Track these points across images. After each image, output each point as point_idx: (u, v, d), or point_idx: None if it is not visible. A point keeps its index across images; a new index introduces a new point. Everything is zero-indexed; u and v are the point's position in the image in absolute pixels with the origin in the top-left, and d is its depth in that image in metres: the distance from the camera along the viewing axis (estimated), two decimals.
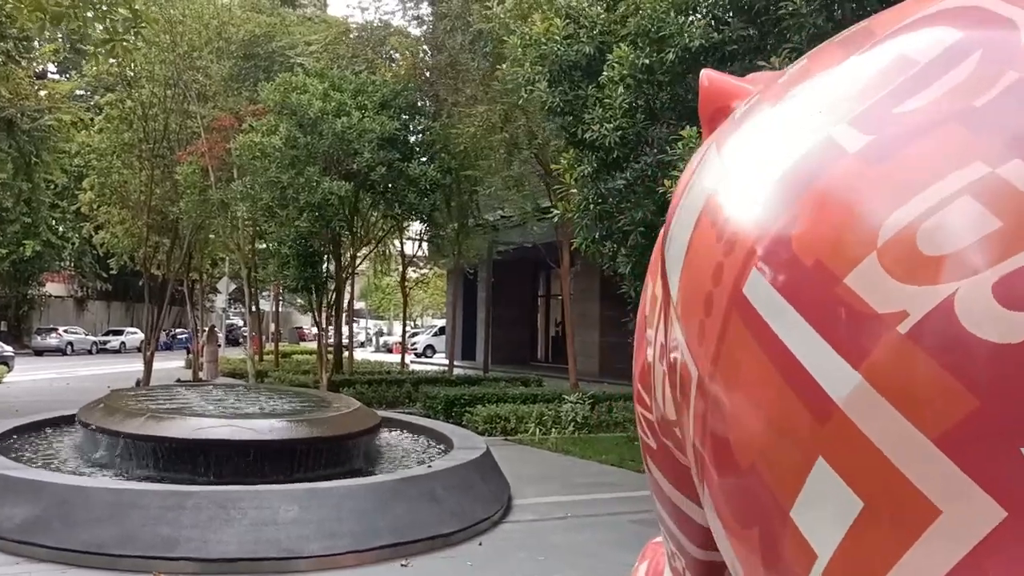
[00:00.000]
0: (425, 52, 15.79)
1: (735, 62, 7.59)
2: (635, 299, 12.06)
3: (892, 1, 1.77)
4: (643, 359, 4.09)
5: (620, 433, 12.76)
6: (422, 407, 14.98)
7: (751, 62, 7.58)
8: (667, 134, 8.68)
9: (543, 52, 8.61)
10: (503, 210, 21.10)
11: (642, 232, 8.41)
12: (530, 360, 33.22)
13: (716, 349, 2.05)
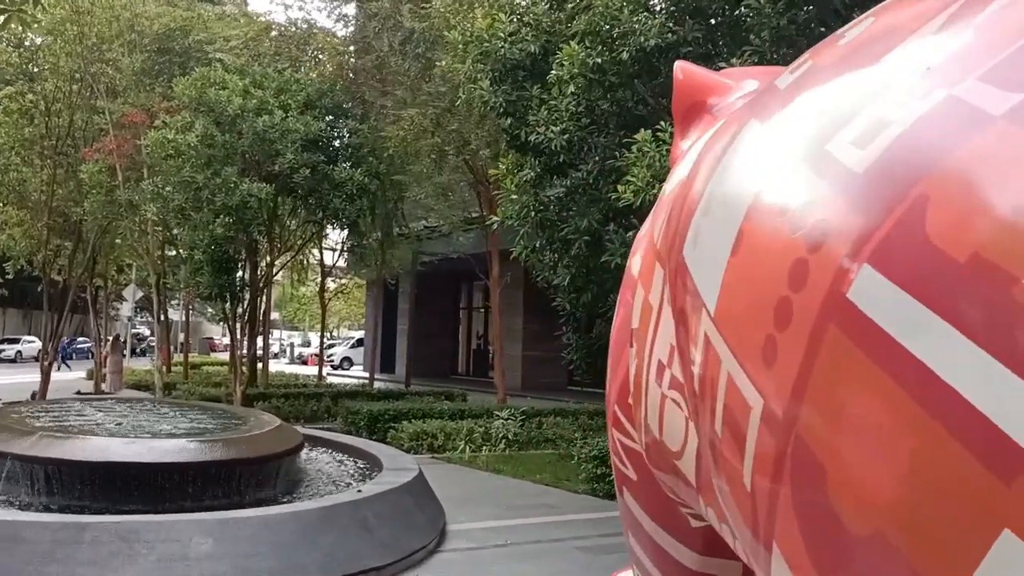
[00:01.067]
0: (351, 53, 15.14)
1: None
2: (570, 311, 11.70)
3: (862, 5, 1.36)
4: (622, 379, 3.57)
5: (551, 450, 12.32)
6: (343, 423, 14.26)
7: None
8: (614, 139, 8.32)
9: (485, 49, 8.15)
10: (427, 220, 20.56)
11: (587, 241, 7.99)
12: (451, 373, 32.63)
13: (801, 373, 1.55)
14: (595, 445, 9.49)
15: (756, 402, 1.77)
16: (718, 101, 4.43)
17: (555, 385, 27.00)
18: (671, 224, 2.83)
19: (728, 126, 2.70)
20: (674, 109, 4.69)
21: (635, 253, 3.99)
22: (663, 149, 6.60)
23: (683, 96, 4.65)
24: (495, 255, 15.03)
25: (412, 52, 13.44)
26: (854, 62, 1.97)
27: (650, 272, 3.13)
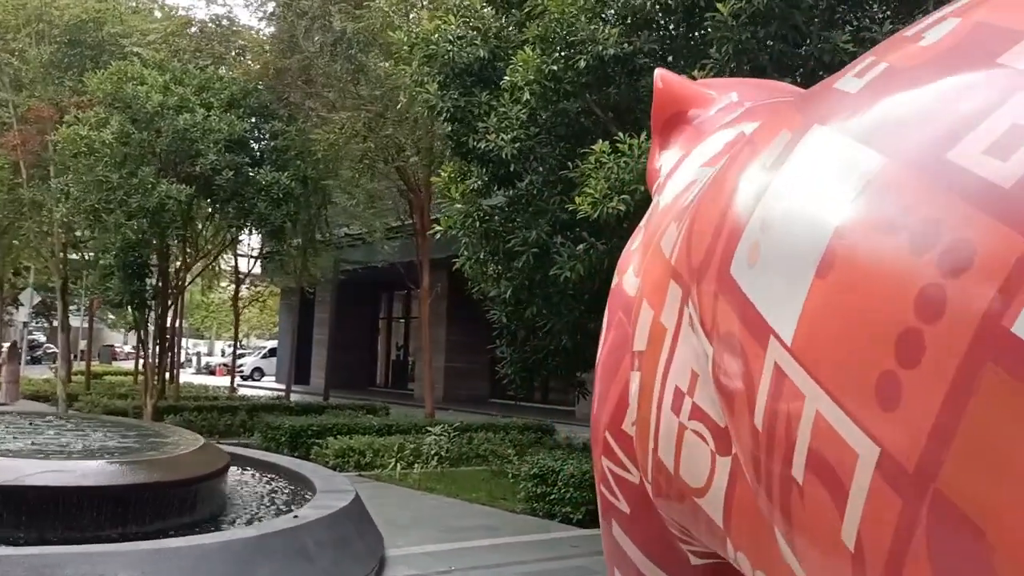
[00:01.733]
0: (278, 52, 14.58)
1: (647, 75, 7.10)
2: (506, 324, 11.45)
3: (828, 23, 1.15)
4: (615, 404, 3.29)
5: (484, 467, 12.01)
6: (261, 438, 13.63)
7: None
8: (563, 150, 8.12)
9: (432, 52, 7.83)
10: (348, 228, 20.03)
11: (534, 254, 7.74)
12: (369, 385, 31.98)
13: (943, 418, 1.30)
14: (534, 463, 9.23)
15: (867, 449, 1.52)
16: (699, 113, 4.22)
17: (477, 397, 26.69)
18: (695, 240, 2.58)
19: (766, 133, 2.47)
20: (653, 118, 4.47)
21: (624, 270, 3.74)
22: (621, 161, 6.41)
23: (663, 106, 4.43)
24: (426, 265, 14.66)
25: (344, 53, 12.99)
26: (957, 64, 1.75)
27: (660, 291, 2.87)
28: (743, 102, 4.14)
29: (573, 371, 11.77)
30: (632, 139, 6.38)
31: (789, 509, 1.84)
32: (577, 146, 8.42)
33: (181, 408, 15.83)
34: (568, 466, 8.78)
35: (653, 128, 4.44)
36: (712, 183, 2.56)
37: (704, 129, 4.05)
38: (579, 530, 8.37)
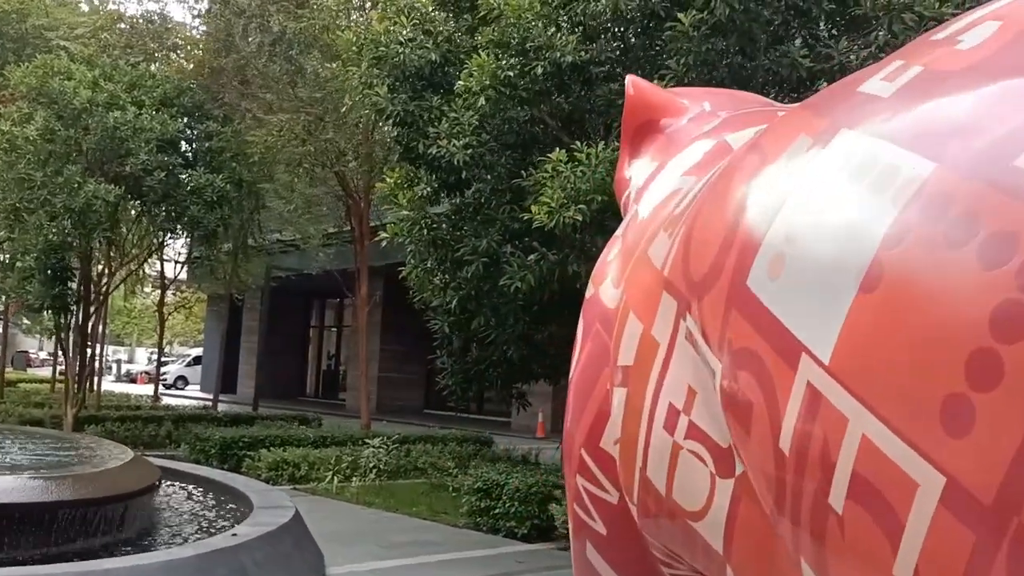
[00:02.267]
0: (214, 51, 14.13)
1: (603, 84, 7.04)
2: (448, 335, 11.25)
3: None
4: (593, 420, 3.14)
5: (422, 480, 11.76)
6: (189, 450, 13.12)
7: (621, 86, 7.04)
8: (514, 157, 7.99)
9: (381, 54, 7.61)
10: (281, 234, 19.56)
11: (484, 263, 7.58)
12: (299, 395, 31.33)
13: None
14: (477, 476, 9.04)
15: (929, 479, 1.41)
16: (672, 122, 4.12)
17: (411, 408, 26.36)
18: (695, 251, 2.46)
19: (776, 139, 2.36)
20: (624, 125, 4.36)
21: (601, 280, 3.60)
22: (578, 170, 6.30)
23: (634, 113, 4.32)
24: (364, 272, 14.35)
25: (283, 54, 12.65)
26: (1011, 68, 1.66)
27: (650, 303, 2.74)
28: (716, 112, 4.05)
29: (515, 382, 11.64)
30: (590, 148, 6.28)
31: (823, 538, 1.71)
32: (526, 155, 8.32)
33: (103, 418, 15.16)
34: (513, 479, 8.62)
35: (623, 136, 4.33)
36: (712, 191, 2.45)
37: (677, 139, 3.95)
38: (524, 545, 8.21)
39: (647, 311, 2.71)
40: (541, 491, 8.42)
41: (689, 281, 2.38)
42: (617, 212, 6.68)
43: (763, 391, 1.88)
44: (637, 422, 2.68)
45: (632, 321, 2.80)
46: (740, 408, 2.00)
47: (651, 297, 2.69)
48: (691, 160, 3.40)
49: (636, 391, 2.71)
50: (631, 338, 2.78)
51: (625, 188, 4.19)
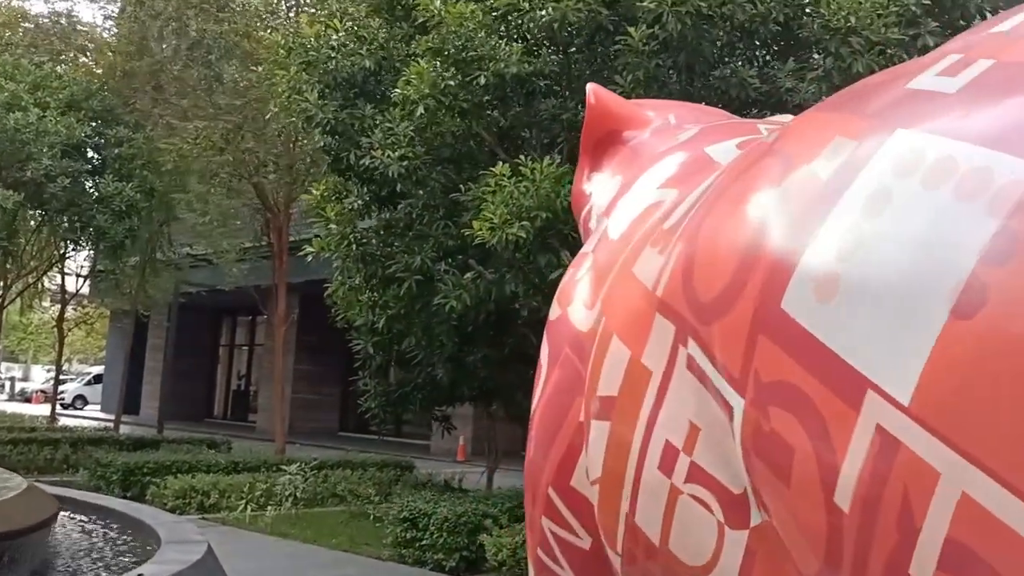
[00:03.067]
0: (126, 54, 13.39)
1: (546, 98, 6.80)
2: (371, 355, 10.81)
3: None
4: (562, 456, 2.82)
5: (340, 507, 11.22)
6: (89, 476, 12.26)
7: (565, 101, 6.82)
8: (445, 172, 7.68)
9: (312, 59, 7.21)
10: (191, 248, 18.74)
11: (418, 281, 7.22)
12: (206, 416, 30.13)
13: None
14: (403, 505, 8.61)
15: None
16: (636, 134, 3.87)
17: (324, 431, 25.58)
18: (702, 270, 2.17)
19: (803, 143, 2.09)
20: (584, 136, 4.08)
21: (568, 301, 3.29)
22: (522, 185, 6.03)
23: (596, 123, 4.05)
24: (283, 289, 13.77)
25: (201, 59, 12.06)
26: None
27: (639, 327, 2.45)
28: (683, 124, 3.82)
29: (440, 405, 11.28)
30: (534, 163, 6.02)
31: None
32: (460, 170, 8.02)
33: None
34: (441, 508, 8.22)
35: (583, 147, 4.06)
36: (718, 203, 2.17)
37: (643, 152, 3.69)
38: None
39: (635, 336, 2.41)
40: (471, 521, 8.05)
41: (694, 303, 2.10)
42: (560, 230, 6.45)
43: (809, 433, 1.60)
44: (623, 460, 2.38)
45: (616, 346, 2.50)
46: (774, 452, 1.71)
47: (640, 320, 2.40)
48: (666, 173, 3.15)
49: (622, 425, 2.41)
50: (615, 365, 2.48)
51: (584, 203, 3.92)
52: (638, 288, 2.48)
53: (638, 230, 2.86)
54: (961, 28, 6.55)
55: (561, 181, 6.12)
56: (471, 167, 8.01)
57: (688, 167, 3.02)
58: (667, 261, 2.34)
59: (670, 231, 2.49)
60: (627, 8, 6.14)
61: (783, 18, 6.16)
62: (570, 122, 6.61)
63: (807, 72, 5.99)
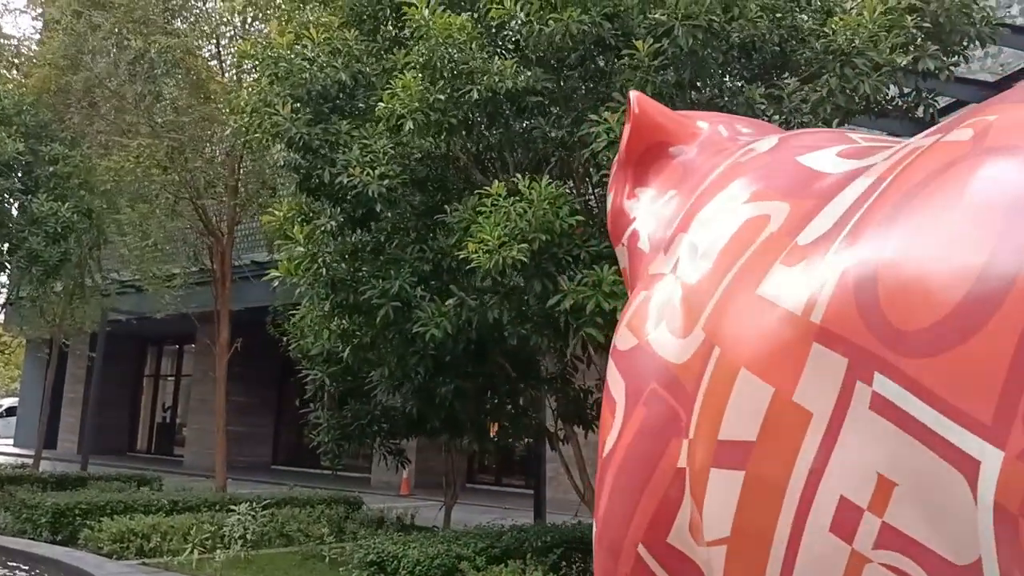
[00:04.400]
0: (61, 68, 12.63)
1: (539, 115, 6.48)
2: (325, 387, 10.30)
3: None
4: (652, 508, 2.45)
5: (290, 548, 10.56)
6: (13, 519, 11.33)
7: (559, 119, 6.52)
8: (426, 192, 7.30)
9: (281, 71, 6.76)
10: (119, 273, 17.81)
11: (395, 308, 6.78)
12: (129, 450, 28.75)
13: None
14: (370, 547, 8.07)
15: None
16: (683, 150, 3.56)
17: (257, 464, 24.60)
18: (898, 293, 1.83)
19: None
20: (627, 148, 3.73)
21: (641, 326, 2.94)
22: (518, 206, 5.68)
23: (641, 134, 3.71)
24: (225, 316, 13.08)
25: (143, 74, 11.41)
26: None
27: (786, 359, 2.07)
28: (736, 136, 3.54)
29: (399, 438, 10.80)
30: (535, 182, 5.68)
31: None
32: (436, 191, 7.64)
33: None
34: (412, 551, 7.71)
35: (625, 160, 3.73)
36: (910, 215, 1.85)
37: (698, 165, 3.37)
38: None
39: (779, 369, 2.06)
40: (444, 563, 7.57)
41: (885, 332, 1.76)
42: (555, 254, 6.10)
43: None
44: (769, 517, 2.02)
45: (747, 382, 2.14)
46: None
47: (787, 351, 2.05)
48: (753, 186, 2.83)
49: (765, 476, 2.05)
50: (748, 404, 2.12)
51: (627, 222, 3.58)
52: (774, 312, 2.14)
53: (742, 248, 2.53)
54: (958, 52, 6.50)
55: (558, 202, 5.81)
56: (442, 189, 7.64)
57: (786, 178, 2.71)
58: (821, 282, 2.01)
59: (812, 248, 2.16)
60: (627, 22, 5.88)
61: (777, 39, 5.99)
62: (563, 141, 6.31)
63: (811, 93, 5.81)
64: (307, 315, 7.89)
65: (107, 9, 11.89)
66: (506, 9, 5.84)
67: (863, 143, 2.83)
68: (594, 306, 5.62)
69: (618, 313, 5.64)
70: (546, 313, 6.40)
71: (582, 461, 7.96)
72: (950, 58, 6.32)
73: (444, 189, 7.66)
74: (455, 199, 7.12)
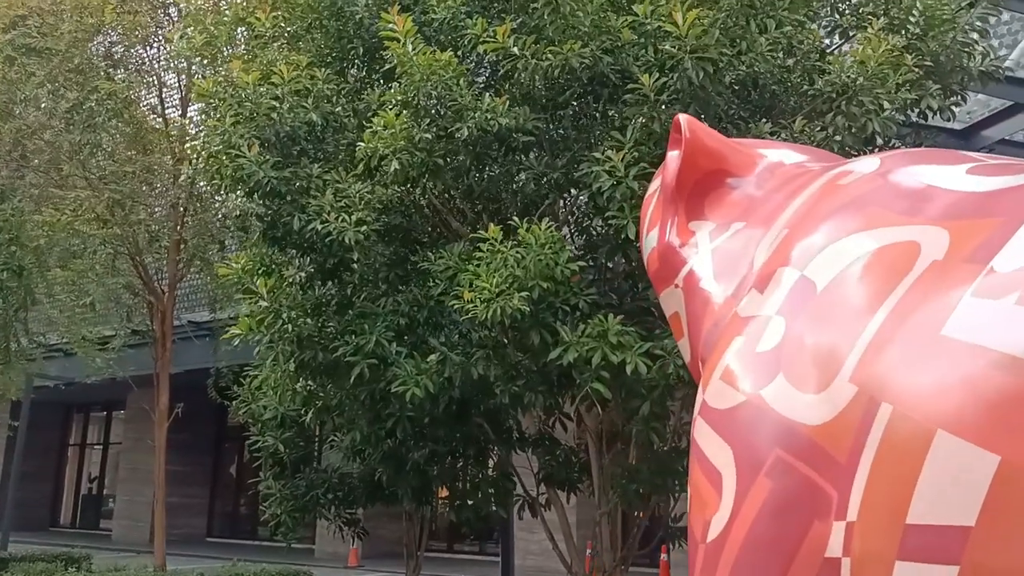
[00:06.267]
0: None
1: (528, 153, 6.08)
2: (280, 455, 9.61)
3: None
4: None
5: None
6: None
7: (554, 158, 6.11)
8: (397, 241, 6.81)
9: (246, 111, 6.22)
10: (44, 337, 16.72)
11: (372, 365, 6.21)
12: (51, 525, 26.98)
13: None
14: None
15: None
16: (740, 182, 3.16)
17: (192, 537, 23.25)
18: None
19: None
20: (680, 176, 3.28)
21: (756, 384, 2.45)
22: (515, 251, 5.22)
23: (695, 162, 3.27)
24: (165, 381, 12.23)
25: (83, 122, 10.72)
26: None
27: (1014, 419, 1.66)
28: (802, 164, 3.15)
29: (357, 507, 10.09)
30: (533, 225, 5.24)
31: None
32: (408, 239, 7.15)
33: None
34: None
35: (675, 192, 3.29)
36: None
37: (767, 197, 2.97)
38: None
39: (1006, 432, 1.61)
40: None
41: None
42: (552, 303, 5.64)
43: None
44: None
45: (953, 449, 1.67)
46: None
47: (1012, 407, 1.61)
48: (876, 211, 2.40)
49: (998, 568, 1.59)
50: (961, 477, 1.66)
51: (679, 261, 3.13)
52: (981, 357, 1.69)
53: (887, 281, 2.09)
54: (957, 92, 6.34)
55: (556, 247, 5.37)
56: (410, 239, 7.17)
57: (919, 200, 2.30)
58: None
59: (1017, 276, 1.73)
60: (623, 58, 5.55)
61: (780, 75, 5.74)
62: (556, 182, 5.90)
63: (817, 132, 5.54)
64: (268, 376, 7.25)
65: (43, 56, 11.21)
66: (499, 43, 5.46)
67: (985, 160, 2.46)
68: (600, 359, 5.16)
69: (626, 366, 5.22)
70: (540, 368, 5.92)
71: (568, 528, 7.41)
72: (950, 97, 6.14)
73: (412, 239, 7.19)
74: (427, 248, 6.65)
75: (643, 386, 5.46)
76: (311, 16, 7.04)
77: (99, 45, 11.89)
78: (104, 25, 11.22)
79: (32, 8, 11.11)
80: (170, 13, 12.23)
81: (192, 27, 7.46)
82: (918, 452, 1.74)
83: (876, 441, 1.86)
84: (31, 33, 10.85)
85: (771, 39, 5.36)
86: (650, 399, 5.52)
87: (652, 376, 5.24)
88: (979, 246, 1.90)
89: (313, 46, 7.09)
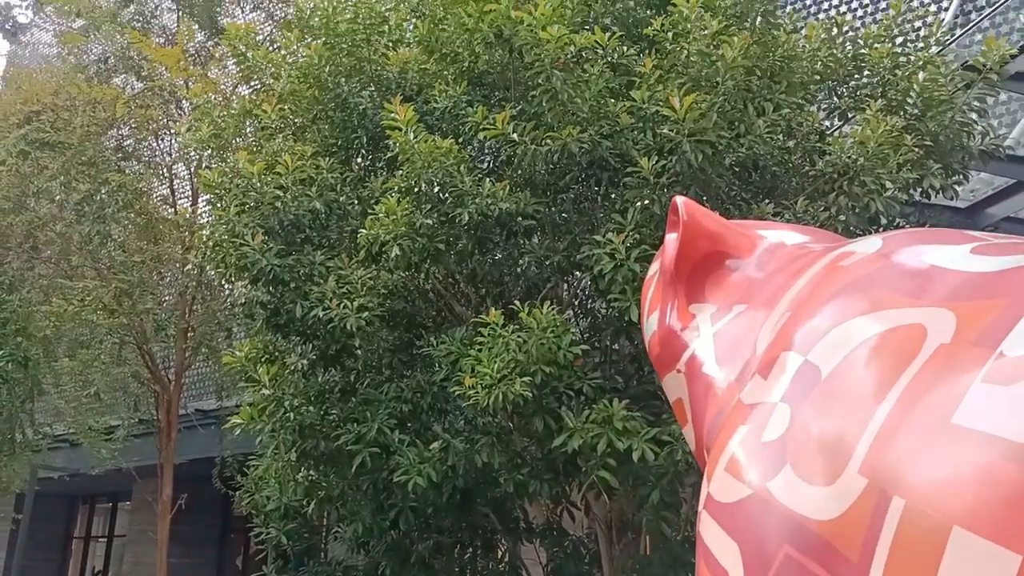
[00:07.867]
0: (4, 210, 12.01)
1: (530, 237, 6.07)
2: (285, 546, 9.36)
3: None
4: None
5: None
6: None
7: (554, 242, 6.10)
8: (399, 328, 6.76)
9: (251, 200, 6.26)
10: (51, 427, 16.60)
11: (373, 454, 6.08)
12: None
13: None
14: None
15: None
16: (740, 263, 3.11)
17: None
18: None
19: None
20: (678, 259, 3.25)
21: (762, 476, 2.32)
22: (516, 336, 5.16)
23: (694, 244, 3.23)
24: (169, 472, 12.05)
25: (93, 214, 10.85)
26: None
27: None
28: (808, 245, 3.10)
29: None
30: (535, 309, 5.19)
31: None
32: (410, 327, 7.11)
33: None
34: None
35: (674, 275, 3.24)
36: None
37: (768, 279, 2.91)
38: None
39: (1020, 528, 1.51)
40: None
41: None
42: (555, 387, 5.54)
43: None
44: None
45: (969, 547, 1.57)
46: None
47: None
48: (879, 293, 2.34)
49: None
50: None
51: (681, 345, 3.06)
52: (995, 448, 1.60)
53: (892, 366, 2.01)
54: (958, 171, 6.33)
55: (558, 330, 5.30)
56: (414, 324, 7.13)
57: (922, 281, 2.23)
58: None
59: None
60: (621, 142, 5.58)
61: (771, 161, 5.76)
62: (558, 266, 5.87)
63: (820, 212, 5.51)
64: (271, 466, 7.12)
65: (56, 149, 11.42)
66: (498, 130, 5.51)
67: (989, 239, 2.40)
68: (605, 446, 5.03)
69: (633, 453, 5.09)
70: (545, 455, 5.78)
71: None
72: (952, 176, 6.13)
73: (416, 323, 7.15)
74: (432, 332, 6.60)
75: (651, 473, 5.31)
76: (316, 108, 7.16)
77: (111, 138, 12.12)
78: (116, 119, 11.47)
79: (47, 104, 11.37)
80: (182, 106, 12.49)
81: (200, 119, 7.58)
82: (934, 551, 1.64)
83: (889, 539, 1.75)
84: (44, 128, 11.09)
85: (769, 121, 5.40)
86: (659, 487, 5.36)
87: (660, 463, 5.10)
88: (986, 328, 1.83)
89: (318, 136, 7.19)
